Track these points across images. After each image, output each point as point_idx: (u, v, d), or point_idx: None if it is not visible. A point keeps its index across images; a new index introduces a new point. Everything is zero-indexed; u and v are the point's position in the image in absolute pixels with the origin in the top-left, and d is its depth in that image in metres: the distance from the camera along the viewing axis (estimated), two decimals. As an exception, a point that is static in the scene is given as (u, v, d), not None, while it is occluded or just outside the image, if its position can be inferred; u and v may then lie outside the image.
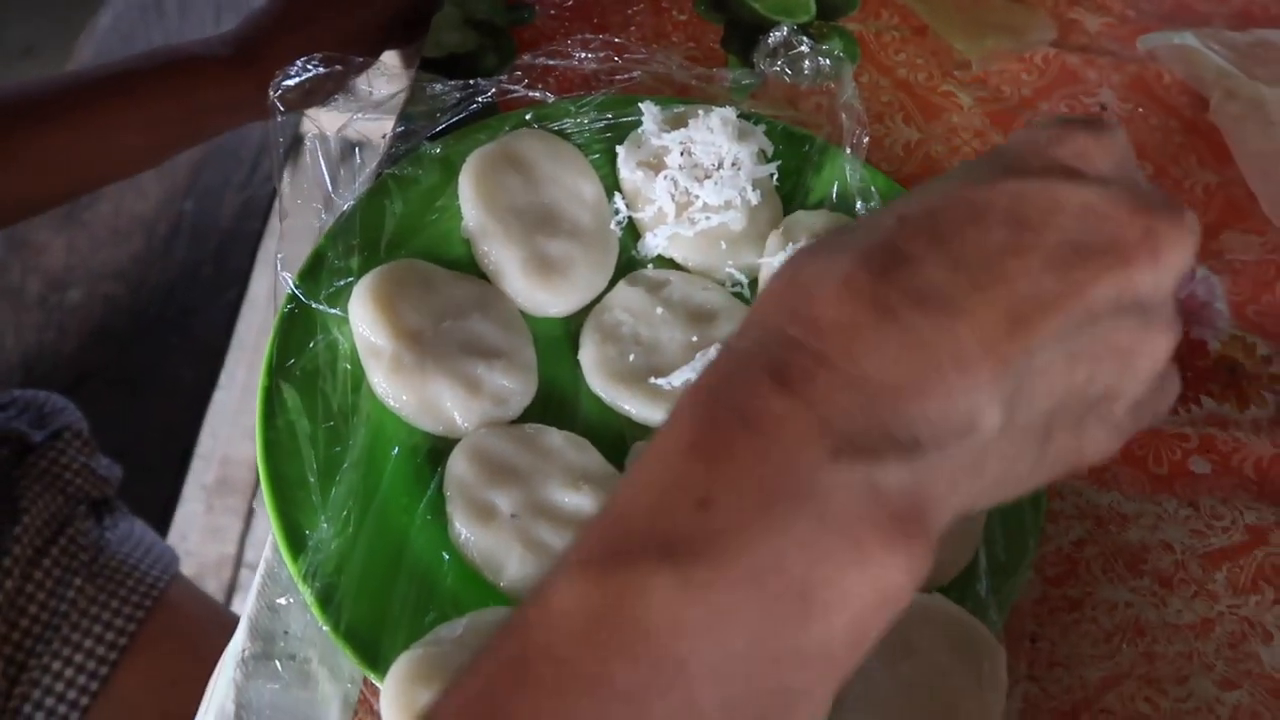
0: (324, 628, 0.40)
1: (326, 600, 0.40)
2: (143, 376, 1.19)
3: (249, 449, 1.24)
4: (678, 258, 0.52)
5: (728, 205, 0.52)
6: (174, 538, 1.18)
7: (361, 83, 0.58)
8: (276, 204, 0.51)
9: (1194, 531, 0.48)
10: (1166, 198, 0.29)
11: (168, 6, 1.36)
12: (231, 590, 1.21)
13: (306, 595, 0.40)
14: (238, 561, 1.24)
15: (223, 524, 1.24)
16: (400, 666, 0.38)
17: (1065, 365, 0.27)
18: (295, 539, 0.41)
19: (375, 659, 0.39)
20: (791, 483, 0.24)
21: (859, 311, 0.26)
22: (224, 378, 1.27)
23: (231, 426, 1.26)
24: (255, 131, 1.30)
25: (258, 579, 0.43)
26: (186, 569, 0.78)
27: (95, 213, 1.14)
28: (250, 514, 1.24)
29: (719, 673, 0.24)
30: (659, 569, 0.23)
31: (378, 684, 0.38)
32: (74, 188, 0.70)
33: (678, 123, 0.53)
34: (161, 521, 1.17)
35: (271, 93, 0.52)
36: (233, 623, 0.44)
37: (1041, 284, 0.26)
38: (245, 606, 0.42)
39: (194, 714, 0.44)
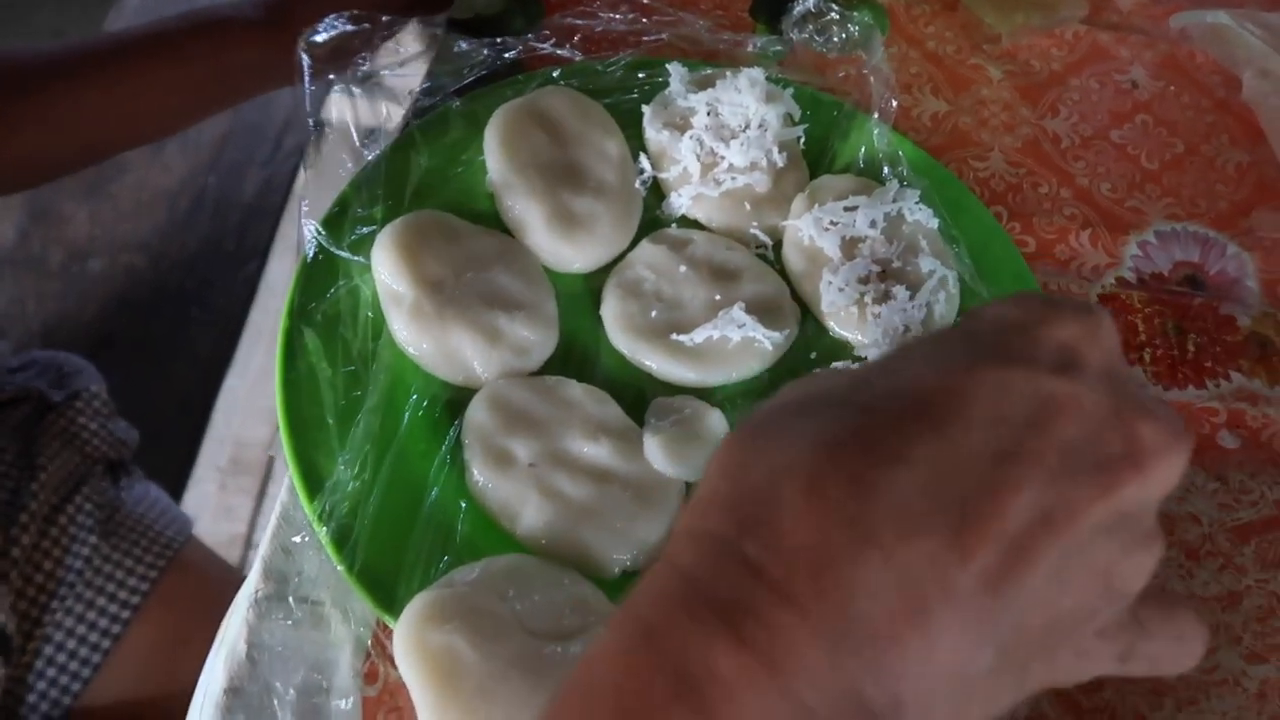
0: (338, 568, 0.39)
1: (342, 541, 0.40)
2: (161, 346, 1.20)
3: (262, 431, 1.24)
4: (701, 218, 0.52)
5: (753, 167, 0.51)
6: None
7: (389, 42, 0.58)
8: (305, 155, 0.51)
9: (1222, 505, 0.48)
10: (1159, 403, 0.25)
11: (194, -14, 1.37)
12: (242, 569, 1.21)
13: (322, 535, 0.40)
14: (248, 541, 1.24)
15: (235, 504, 1.24)
16: (415, 606, 0.37)
17: (1053, 592, 0.23)
18: (312, 480, 0.41)
19: (390, 602, 0.39)
20: None
21: (833, 533, 0.21)
22: (238, 362, 1.27)
23: (245, 409, 1.26)
24: (281, 109, 1.31)
25: (273, 521, 0.42)
26: (197, 546, 0.78)
27: (120, 184, 1.15)
28: (262, 495, 1.25)
29: None
30: None
31: (391, 626, 0.38)
32: (104, 147, 0.70)
33: (705, 85, 0.53)
34: (174, 492, 1.17)
35: (299, 48, 0.52)
36: (246, 585, 0.44)
37: (1036, 505, 0.22)
38: (259, 549, 0.42)
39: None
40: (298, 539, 0.41)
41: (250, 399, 1.26)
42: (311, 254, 0.46)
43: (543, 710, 0.23)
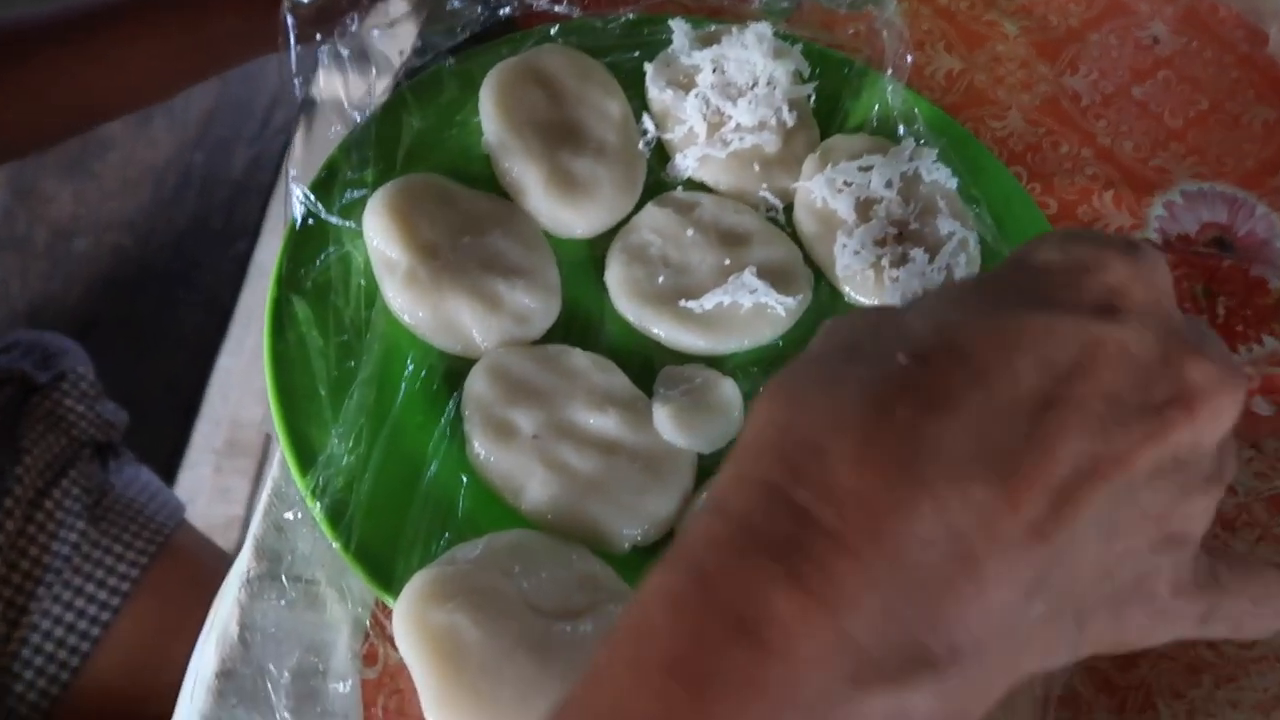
0: (334, 546, 0.37)
1: (337, 517, 0.38)
2: (148, 327, 1.17)
3: (258, 412, 1.22)
4: (708, 180, 0.49)
5: (762, 126, 0.49)
6: (181, 499, 1.17)
7: (378, 1, 0.56)
8: (296, 121, 0.49)
9: (1258, 474, 0.46)
10: (1211, 342, 0.25)
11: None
12: (238, 553, 1.19)
13: (315, 511, 0.38)
14: (245, 523, 1.22)
15: (231, 485, 1.22)
16: (415, 584, 0.35)
17: (1101, 539, 0.23)
18: (304, 453, 0.39)
19: (388, 580, 0.37)
20: None
21: (886, 482, 0.21)
22: (232, 342, 1.25)
23: (241, 390, 1.24)
24: (269, 84, 1.28)
25: (265, 497, 0.40)
26: (193, 530, 0.76)
27: (104, 162, 1.12)
28: (259, 476, 1.23)
29: None
30: None
31: (390, 605, 0.36)
32: (86, 118, 0.68)
33: (709, 41, 0.51)
34: (168, 475, 1.15)
35: (284, 9, 0.49)
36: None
37: (1083, 450, 0.22)
38: (251, 527, 0.40)
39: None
40: (290, 515, 0.39)
41: (245, 379, 1.24)
42: (300, 219, 0.44)
43: (594, 658, 0.22)
